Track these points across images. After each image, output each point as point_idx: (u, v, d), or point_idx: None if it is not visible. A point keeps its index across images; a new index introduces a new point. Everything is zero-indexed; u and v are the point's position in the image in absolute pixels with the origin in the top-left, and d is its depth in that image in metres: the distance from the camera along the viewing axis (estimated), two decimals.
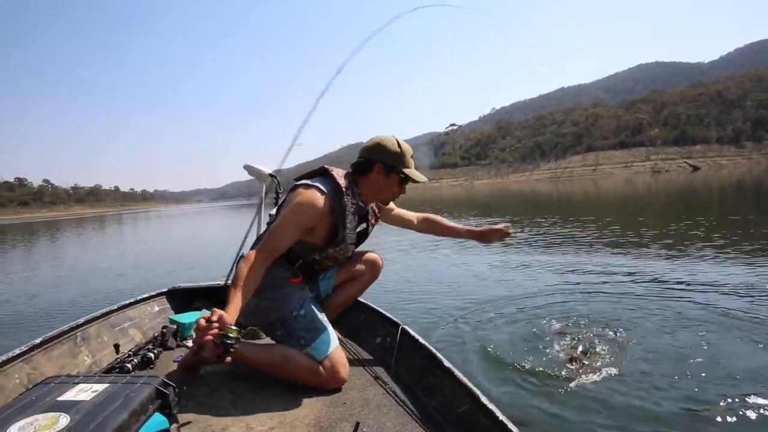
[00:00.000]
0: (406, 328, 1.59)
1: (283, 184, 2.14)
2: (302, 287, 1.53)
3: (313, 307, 1.50)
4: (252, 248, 1.45)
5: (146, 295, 2.06)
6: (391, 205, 1.73)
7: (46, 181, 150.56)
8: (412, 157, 1.54)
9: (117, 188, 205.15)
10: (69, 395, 0.95)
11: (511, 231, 1.79)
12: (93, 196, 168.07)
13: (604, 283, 3.85)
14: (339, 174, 1.51)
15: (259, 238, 1.55)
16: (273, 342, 1.53)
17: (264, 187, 2.16)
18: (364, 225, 1.65)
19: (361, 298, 1.90)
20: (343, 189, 1.47)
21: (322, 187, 1.43)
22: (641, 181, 35.29)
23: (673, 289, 3.42)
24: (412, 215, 1.82)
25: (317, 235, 1.48)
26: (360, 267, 1.74)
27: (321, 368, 1.39)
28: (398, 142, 1.52)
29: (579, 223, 8.30)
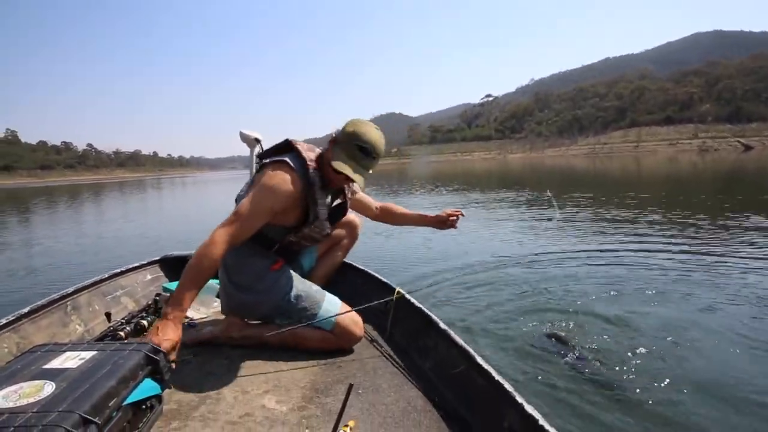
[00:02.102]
0: (402, 291, 1.58)
1: None
2: (284, 270, 1.47)
3: (302, 283, 1.47)
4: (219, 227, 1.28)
5: (138, 264, 2.05)
6: (356, 188, 1.61)
7: (89, 145, 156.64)
8: (372, 156, 1.35)
9: (155, 153, 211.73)
10: (55, 363, 0.94)
11: (461, 214, 1.70)
12: (133, 160, 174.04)
13: (615, 257, 3.77)
14: (304, 147, 1.40)
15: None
16: None
17: (254, 153, 2.11)
18: (339, 200, 1.55)
19: (356, 264, 1.92)
20: (308, 162, 1.36)
21: (291, 163, 1.33)
22: (687, 159, 33.39)
23: (697, 271, 3.23)
24: (372, 202, 1.72)
25: (289, 215, 1.38)
26: (339, 231, 1.70)
27: (333, 336, 1.40)
28: (354, 131, 1.33)
29: (605, 200, 7.96)
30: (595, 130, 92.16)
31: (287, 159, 1.34)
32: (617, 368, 1.85)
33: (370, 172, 1.35)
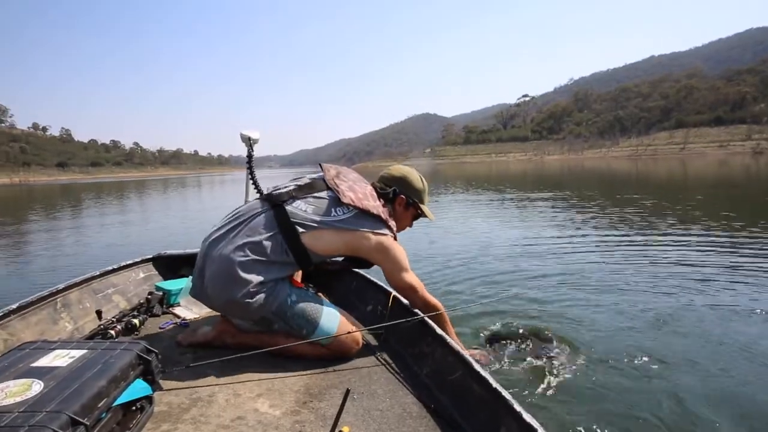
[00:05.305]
0: (398, 296, 1.53)
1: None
2: (293, 285, 1.47)
3: (302, 292, 1.43)
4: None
5: (130, 262, 2.03)
6: None
7: (136, 143, 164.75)
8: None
9: (196, 152, 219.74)
10: (44, 361, 0.91)
11: None
12: (176, 159, 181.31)
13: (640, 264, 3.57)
14: (387, 215, 1.50)
15: (269, 198, 1.47)
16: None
17: (252, 150, 2.06)
18: None
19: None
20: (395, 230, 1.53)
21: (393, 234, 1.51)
22: (739, 162, 31.46)
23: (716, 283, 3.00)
24: None
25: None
26: None
27: (329, 352, 1.36)
28: (421, 179, 1.67)
29: (646, 204, 7.56)
30: (637, 131, 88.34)
31: (389, 232, 1.48)
32: (624, 376, 1.78)
33: None
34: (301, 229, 1.37)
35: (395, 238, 1.50)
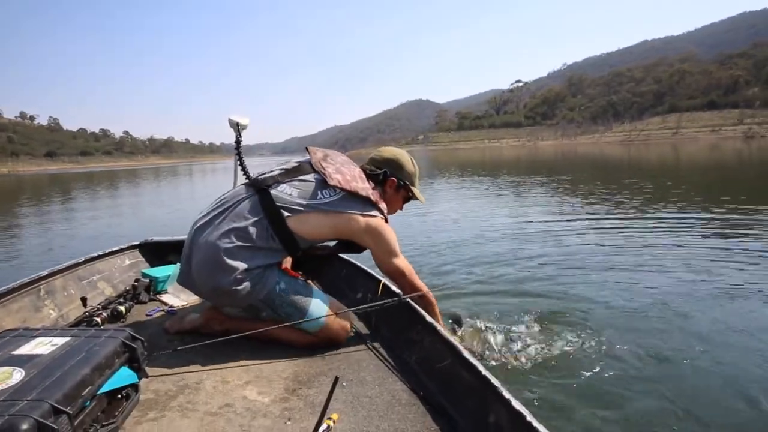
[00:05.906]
0: (388, 283, 1.52)
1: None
2: (282, 271, 1.45)
3: (291, 279, 1.41)
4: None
5: (116, 248, 2.00)
6: None
7: (126, 132, 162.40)
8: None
9: (187, 140, 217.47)
10: (25, 349, 0.90)
11: None
12: (167, 147, 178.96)
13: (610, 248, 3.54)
14: (377, 197, 1.47)
15: (254, 183, 1.43)
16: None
17: (240, 136, 2.01)
18: None
19: (342, 254, 1.87)
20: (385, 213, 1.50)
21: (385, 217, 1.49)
22: (730, 146, 31.66)
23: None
24: None
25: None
26: None
27: (317, 339, 1.35)
28: (412, 161, 1.64)
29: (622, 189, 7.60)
30: (630, 116, 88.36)
31: (381, 215, 1.46)
32: (614, 364, 1.77)
33: None
34: (286, 213, 1.34)
35: (386, 221, 1.48)
